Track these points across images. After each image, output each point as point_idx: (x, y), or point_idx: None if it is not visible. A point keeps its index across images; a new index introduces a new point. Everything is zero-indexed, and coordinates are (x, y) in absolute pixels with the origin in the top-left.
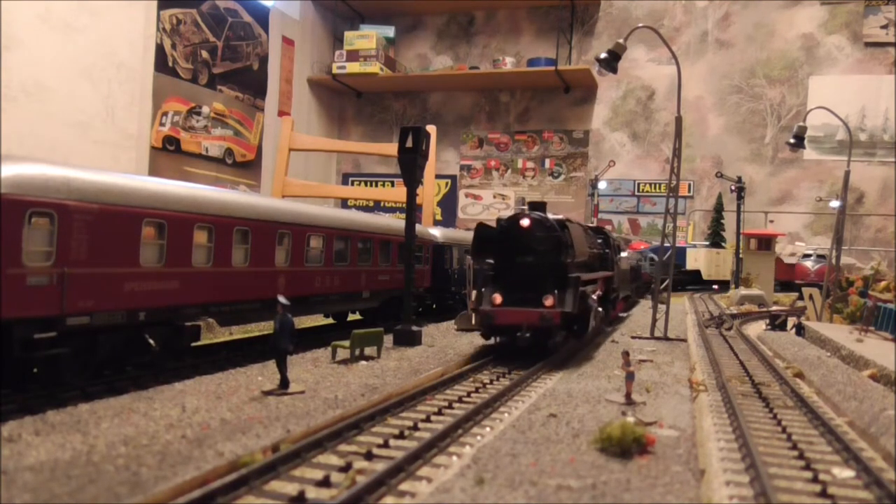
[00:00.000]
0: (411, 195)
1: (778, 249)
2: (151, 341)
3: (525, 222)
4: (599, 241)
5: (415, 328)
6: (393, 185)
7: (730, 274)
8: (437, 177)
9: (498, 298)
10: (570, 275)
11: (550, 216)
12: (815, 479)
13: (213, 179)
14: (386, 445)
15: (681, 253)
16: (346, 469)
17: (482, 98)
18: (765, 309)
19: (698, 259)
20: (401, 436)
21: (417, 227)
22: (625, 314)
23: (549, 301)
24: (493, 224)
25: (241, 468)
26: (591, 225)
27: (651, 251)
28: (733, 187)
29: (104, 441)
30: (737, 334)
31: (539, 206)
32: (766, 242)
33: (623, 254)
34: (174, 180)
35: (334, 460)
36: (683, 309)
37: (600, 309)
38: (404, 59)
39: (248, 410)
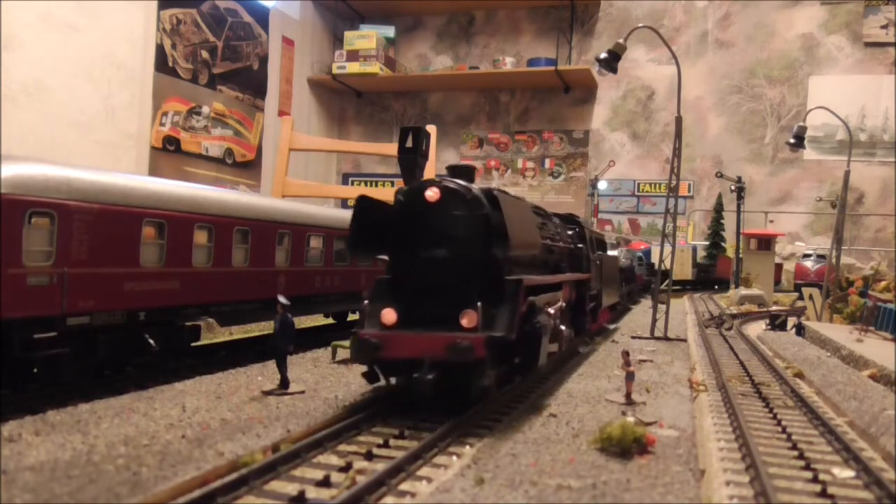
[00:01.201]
0: None
1: (778, 249)
2: (151, 341)
3: (432, 194)
4: (570, 232)
5: None
6: (393, 185)
7: (690, 273)
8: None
9: (391, 315)
10: (507, 277)
11: (476, 187)
12: (815, 479)
13: (213, 179)
14: (386, 445)
15: (648, 253)
16: (346, 469)
17: (482, 98)
18: (765, 309)
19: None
20: (401, 436)
21: None
22: (612, 326)
23: (468, 319)
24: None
25: (241, 468)
26: (558, 213)
27: (641, 252)
28: (733, 187)
29: (104, 441)
30: (737, 334)
31: (462, 170)
32: (766, 242)
33: (612, 252)
34: (174, 180)
35: (334, 460)
36: (683, 309)
37: (565, 328)
38: (404, 59)
39: (248, 410)
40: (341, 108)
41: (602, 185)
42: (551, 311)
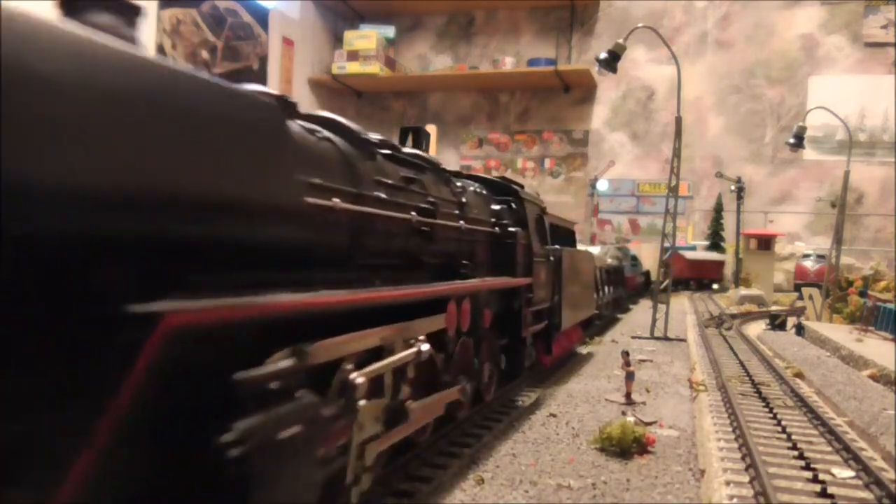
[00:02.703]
0: None
1: (777, 249)
2: None
3: None
4: (496, 207)
5: None
6: None
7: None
8: None
9: None
10: (132, 308)
11: None
12: (815, 479)
13: None
14: None
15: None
16: None
17: (482, 98)
18: (764, 309)
19: (647, 258)
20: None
21: None
22: (586, 347)
23: None
24: None
25: None
26: (478, 175)
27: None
28: (733, 187)
29: None
30: (737, 334)
31: None
32: (765, 242)
33: (593, 249)
34: None
35: None
36: (683, 309)
37: (425, 401)
38: (404, 59)
39: None
40: (341, 108)
41: (602, 186)
42: (359, 379)
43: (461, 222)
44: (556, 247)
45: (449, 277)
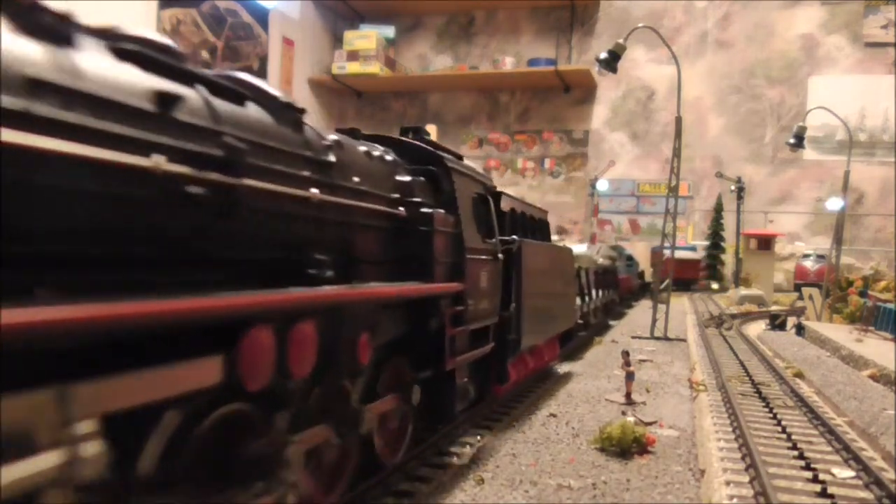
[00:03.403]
0: None
1: (777, 249)
2: None
3: None
4: (405, 179)
5: None
6: None
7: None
8: None
9: None
10: None
11: None
12: (815, 479)
13: None
14: None
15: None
16: None
17: (482, 98)
18: (764, 309)
19: (638, 258)
20: None
21: None
22: (561, 366)
23: None
24: None
25: None
26: (384, 135)
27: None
28: (733, 187)
29: None
30: (737, 334)
31: None
32: (765, 242)
33: (580, 247)
34: None
35: None
36: (683, 309)
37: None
38: (404, 59)
39: None
40: (341, 109)
41: (602, 186)
42: None
43: (314, 190)
44: (513, 238)
45: (286, 283)
